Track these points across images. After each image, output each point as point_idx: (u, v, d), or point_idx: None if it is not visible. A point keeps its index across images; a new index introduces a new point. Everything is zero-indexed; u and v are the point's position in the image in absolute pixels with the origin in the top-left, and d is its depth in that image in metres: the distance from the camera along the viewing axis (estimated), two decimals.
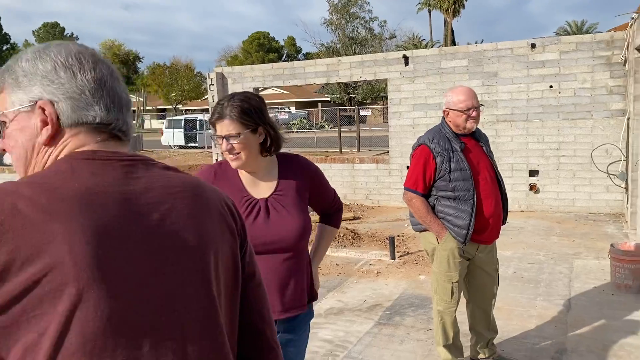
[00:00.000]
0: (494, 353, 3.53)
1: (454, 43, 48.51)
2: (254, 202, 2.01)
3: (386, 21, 58.97)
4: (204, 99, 43.90)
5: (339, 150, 20.02)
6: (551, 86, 8.30)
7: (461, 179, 3.10)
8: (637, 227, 6.49)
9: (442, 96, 3.43)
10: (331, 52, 33.24)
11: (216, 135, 1.97)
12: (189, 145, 26.91)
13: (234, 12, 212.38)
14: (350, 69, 9.76)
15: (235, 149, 1.94)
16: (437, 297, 3.33)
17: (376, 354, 3.80)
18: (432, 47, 32.55)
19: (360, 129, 22.13)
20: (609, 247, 4.99)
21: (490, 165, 3.26)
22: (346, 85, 33.40)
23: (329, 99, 40.40)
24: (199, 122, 27.19)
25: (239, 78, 10.69)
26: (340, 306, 4.78)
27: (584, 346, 3.78)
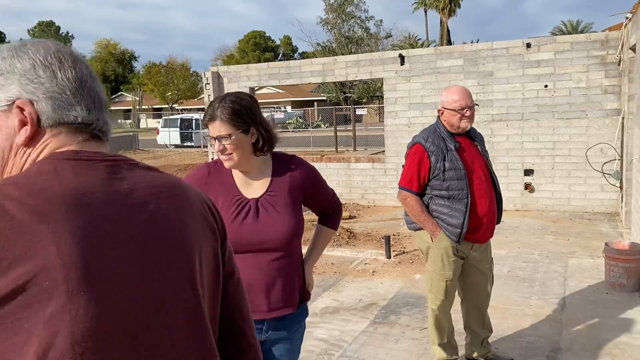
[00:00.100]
0: (488, 352, 3.55)
1: (449, 42, 48.58)
2: (244, 202, 2.01)
3: (382, 20, 59.15)
4: (200, 98, 43.81)
5: (334, 150, 20.03)
6: (546, 85, 8.33)
7: (455, 178, 3.11)
8: (631, 226, 6.51)
9: (438, 95, 3.44)
10: (327, 51, 33.24)
11: (209, 136, 1.99)
12: (185, 144, 26.90)
13: (230, 11, 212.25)
14: (346, 68, 9.76)
15: (227, 149, 1.95)
16: (432, 295, 3.34)
17: (371, 353, 3.80)
18: (428, 47, 32.55)
19: (356, 128, 22.16)
20: (604, 246, 5.01)
21: (485, 165, 3.26)
22: (342, 84, 33.40)
23: (325, 98, 40.43)
24: (194, 122, 27.15)
25: (234, 77, 10.68)
26: (336, 305, 4.78)
27: (578, 344, 3.80)
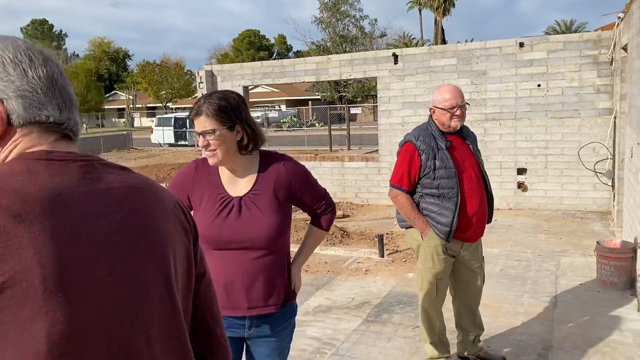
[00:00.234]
0: (480, 350, 3.56)
1: (444, 42, 48.67)
2: (228, 200, 2.01)
3: (377, 19, 59.30)
4: (194, 97, 43.69)
5: (329, 149, 20.03)
6: (539, 85, 8.36)
7: (445, 177, 3.11)
8: (623, 224, 6.54)
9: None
10: (322, 50, 33.29)
11: (194, 132, 1.99)
12: (179, 143, 26.82)
13: (224, 10, 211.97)
14: (339, 67, 9.75)
15: (211, 145, 1.95)
16: (423, 293, 3.34)
17: (364, 352, 3.80)
18: (422, 46, 32.66)
19: (351, 127, 22.18)
20: (595, 245, 5.04)
21: (476, 164, 3.27)
22: (337, 83, 33.45)
23: (319, 97, 40.42)
24: (188, 120, 26.97)
25: (228, 76, 10.65)
26: (329, 304, 4.78)
27: (569, 342, 3.81)
